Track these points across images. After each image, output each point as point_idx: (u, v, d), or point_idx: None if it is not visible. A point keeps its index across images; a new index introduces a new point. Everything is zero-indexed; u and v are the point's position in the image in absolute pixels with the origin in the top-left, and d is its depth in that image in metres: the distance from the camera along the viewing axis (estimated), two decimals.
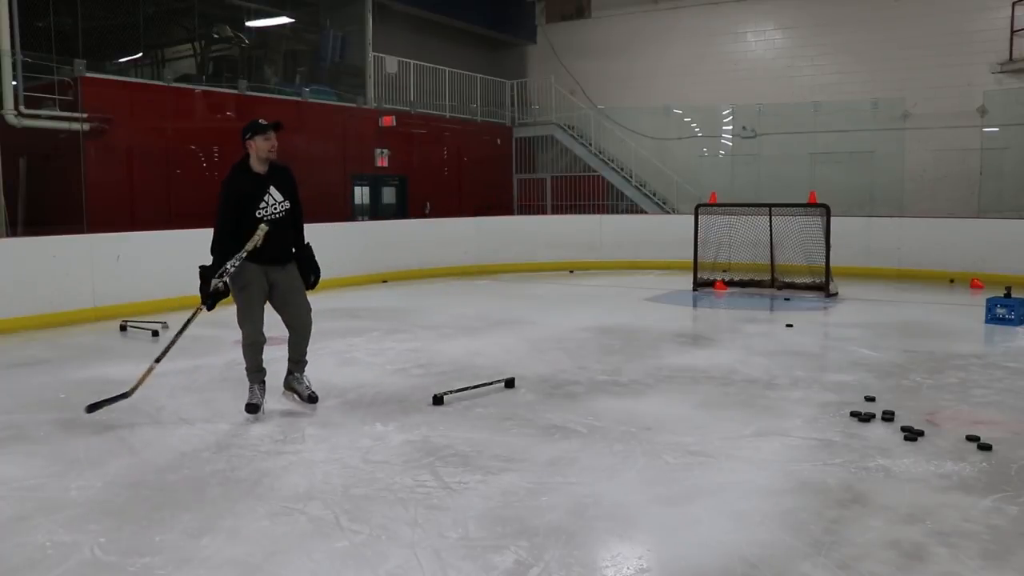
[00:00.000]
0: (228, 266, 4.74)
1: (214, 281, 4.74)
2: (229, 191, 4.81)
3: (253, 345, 5.03)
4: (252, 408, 4.99)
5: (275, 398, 5.46)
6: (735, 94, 17.10)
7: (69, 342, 7.73)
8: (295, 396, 5.28)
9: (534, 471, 3.99)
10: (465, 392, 5.48)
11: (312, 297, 5.34)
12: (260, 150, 4.83)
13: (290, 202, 4.96)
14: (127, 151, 11.62)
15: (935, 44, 15.40)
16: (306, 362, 5.29)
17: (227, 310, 5.17)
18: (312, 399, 5.21)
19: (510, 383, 5.68)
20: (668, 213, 16.88)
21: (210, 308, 4.86)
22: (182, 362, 6.61)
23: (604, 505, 3.56)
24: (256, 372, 5.08)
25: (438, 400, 5.23)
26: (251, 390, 5.09)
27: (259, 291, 4.93)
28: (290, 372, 5.30)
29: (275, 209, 4.88)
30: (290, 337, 5.20)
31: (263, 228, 4.77)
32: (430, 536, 3.24)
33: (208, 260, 4.84)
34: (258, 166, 4.88)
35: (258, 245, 4.77)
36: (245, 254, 4.76)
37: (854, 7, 16.37)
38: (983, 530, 3.26)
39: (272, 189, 4.89)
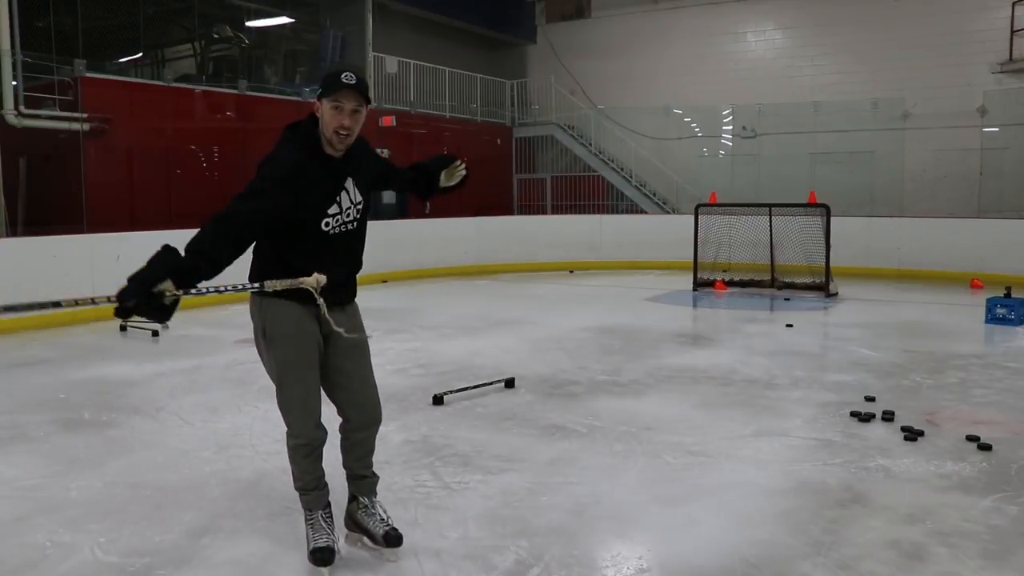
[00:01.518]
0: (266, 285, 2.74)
1: (160, 288, 2.50)
2: (274, 183, 2.73)
3: (307, 446, 2.98)
4: (322, 556, 2.94)
5: (272, 398, 5.46)
6: (735, 94, 17.10)
7: (69, 342, 7.73)
8: (363, 538, 3.12)
9: (534, 471, 3.99)
10: (465, 392, 5.47)
11: None
12: (327, 125, 2.80)
13: (364, 199, 3.00)
14: (127, 151, 11.62)
15: (935, 44, 15.39)
16: (377, 478, 3.19)
17: (223, 311, 5.15)
18: (392, 539, 3.03)
19: (510, 383, 5.68)
20: (668, 213, 16.88)
21: (124, 316, 2.53)
22: (182, 362, 6.63)
23: (604, 505, 3.56)
24: (315, 492, 3.04)
25: (438, 400, 5.23)
26: (312, 524, 3.02)
27: (311, 349, 2.93)
28: (353, 498, 3.16)
29: (348, 216, 2.93)
30: (345, 433, 3.11)
31: (319, 279, 2.79)
32: (430, 536, 3.24)
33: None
34: (331, 147, 2.85)
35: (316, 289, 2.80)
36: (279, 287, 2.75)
37: (854, 7, 16.36)
38: (983, 530, 3.26)
39: (350, 184, 2.93)
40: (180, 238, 2.73)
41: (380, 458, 4.18)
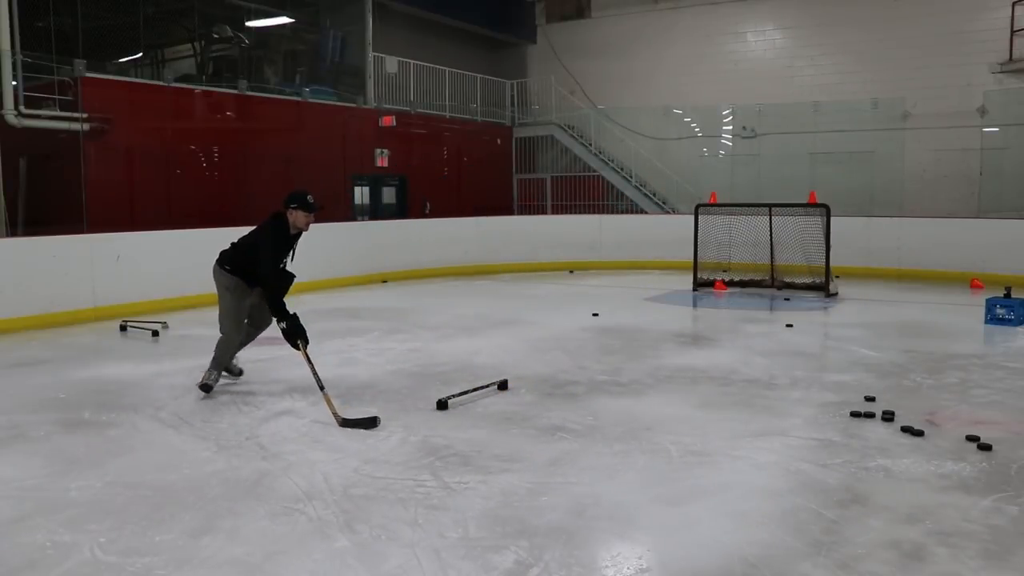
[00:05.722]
0: None
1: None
2: None
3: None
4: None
5: (272, 398, 5.47)
6: (735, 94, 17.09)
7: (69, 342, 7.73)
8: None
9: (534, 471, 3.99)
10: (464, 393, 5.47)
11: (313, 296, 5.53)
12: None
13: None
14: (127, 151, 11.62)
15: (935, 44, 15.39)
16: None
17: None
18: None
19: (503, 386, 5.66)
20: (668, 213, 16.88)
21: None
22: (182, 362, 6.63)
23: (604, 505, 3.56)
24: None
25: (442, 405, 5.20)
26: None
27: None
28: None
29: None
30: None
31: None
32: (430, 536, 3.24)
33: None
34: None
35: None
36: None
37: (854, 7, 16.36)
38: (983, 530, 3.26)
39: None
40: (180, 238, 2.77)
41: (380, 458, 4.19)
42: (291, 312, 5.20)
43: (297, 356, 5.29)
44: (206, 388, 5.53)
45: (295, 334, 5.16)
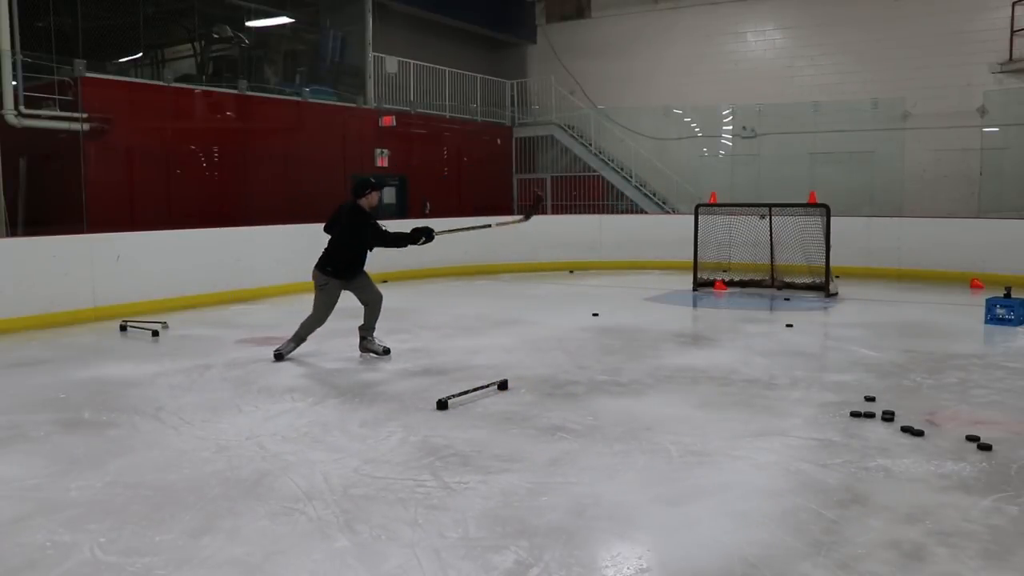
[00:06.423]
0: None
1: None
2: None
3: None
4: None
5: (272, 398, 5.47)
6: (735, 94, 17.09)
7: (69, 342, 7.73)
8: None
9: (534, 471, 3.99)
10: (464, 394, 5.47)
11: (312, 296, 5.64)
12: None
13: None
14: (127, 151, 11.62)
15: (935, 44, 15.39)
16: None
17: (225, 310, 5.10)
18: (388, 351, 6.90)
19: (503, 386, 5.66)
20: (668, 213, 16.88)
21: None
22: (182, 362, 6.63)
23: (604, 505, 3.56)
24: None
25: (442, 405, 5.20)
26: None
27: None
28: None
29: None
30: None
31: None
32: (430, 536, 3.24)
33: None
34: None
35: None
36: None
37: (854, 7, 16.36)
38: (983, 530, 3.26)
39: None
40: (180, 238, 2.77)
41: (380, 458, 4.19)
42: (408, 232, 6.57)
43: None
44: (278, 356, 6.50)
45: (429, 238, 6.54)
